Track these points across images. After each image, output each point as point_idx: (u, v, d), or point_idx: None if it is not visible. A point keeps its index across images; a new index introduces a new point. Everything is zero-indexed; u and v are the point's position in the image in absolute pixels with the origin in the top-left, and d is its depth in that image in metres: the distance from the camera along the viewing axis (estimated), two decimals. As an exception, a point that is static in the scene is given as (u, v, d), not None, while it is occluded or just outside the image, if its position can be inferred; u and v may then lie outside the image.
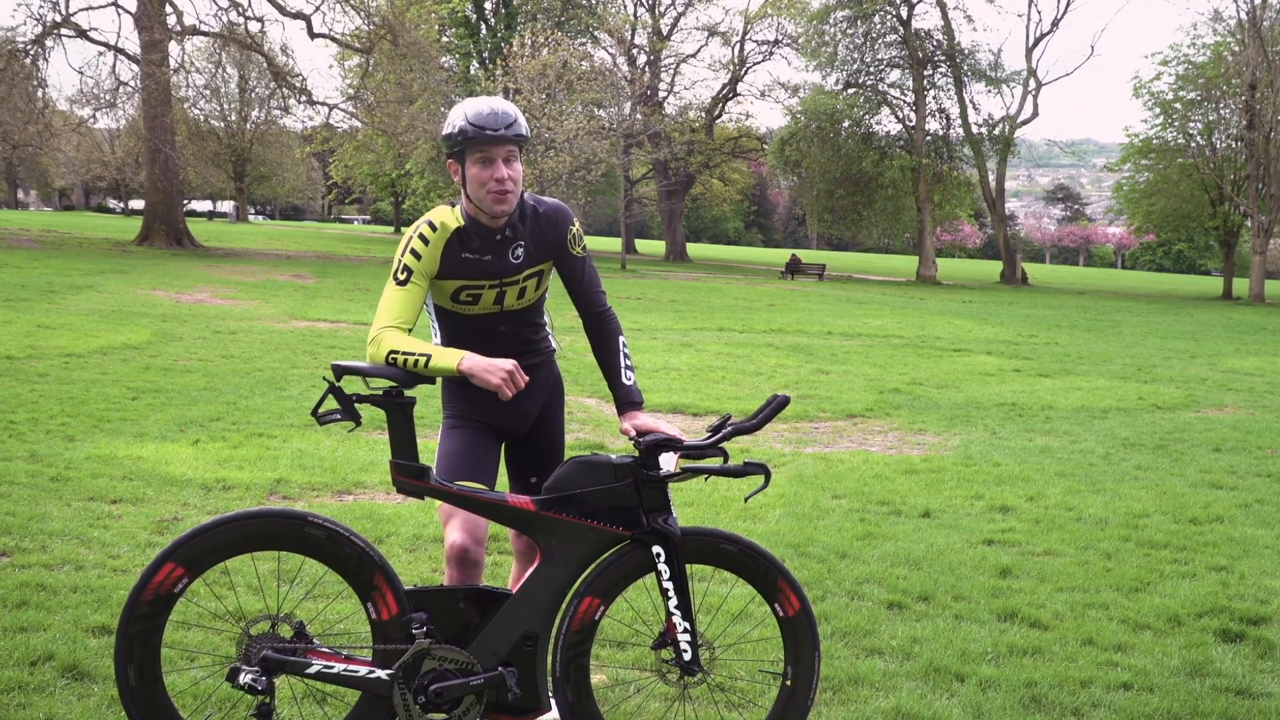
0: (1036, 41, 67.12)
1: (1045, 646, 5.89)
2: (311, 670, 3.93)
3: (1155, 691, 5.35)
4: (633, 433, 4.25)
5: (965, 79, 66.72)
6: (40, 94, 47.97)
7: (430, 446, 4.60)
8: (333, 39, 53.58)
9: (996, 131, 67.10)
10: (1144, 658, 5.82)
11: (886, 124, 69.96)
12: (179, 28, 48.85)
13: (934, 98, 68.38)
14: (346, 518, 7.72)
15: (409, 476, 4.04)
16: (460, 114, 4.22)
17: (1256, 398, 17.25)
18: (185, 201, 61.58)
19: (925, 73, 67.27)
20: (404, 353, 4.05)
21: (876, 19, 67.24)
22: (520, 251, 4.42)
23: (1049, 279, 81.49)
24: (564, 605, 4.15)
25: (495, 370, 3.99)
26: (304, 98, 53.37)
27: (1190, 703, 5.23)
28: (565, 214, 4.50)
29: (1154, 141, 64.98)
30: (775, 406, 4.10)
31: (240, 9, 49.50)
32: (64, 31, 46.98)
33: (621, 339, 4.54)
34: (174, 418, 11.34)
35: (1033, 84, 66.84)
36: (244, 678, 3.86)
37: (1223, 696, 5.32)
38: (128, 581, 6.11)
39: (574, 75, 52.20)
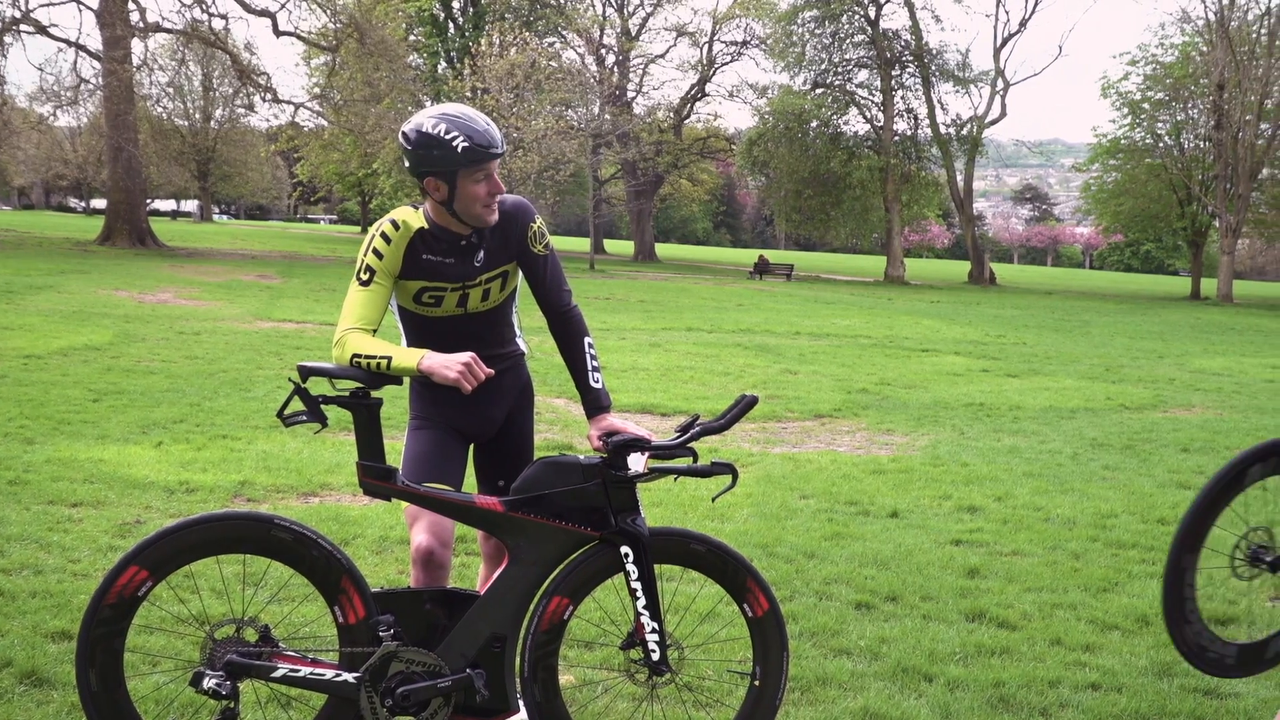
0: (1004, 42, 67.46)
1: (1013, 646, 5.89)
2: (277, 674, 3.89)
3: (1123, 691, 5.36)
4: (601, 446, 4.24)
5: (933, 79, 67.02)
6: (-1, 90, 47.58)
7: (397, 448, 4.57)
8: (298, 37, 53.37)
9: (964, 132, 67.43)
10: (1112, 658, 5.83)
11: (854, 124, 70.23)
12: (142, 24, 48.47)
13: (902, 98, 68.69)
14: (312, 520, 7.66)
15: (375, 478, 4.01)
16: (451, 132, 4.10)
17: (1224, 398, 17.35)
18: (148, 201, 61.11)
19: (893, 73, 67.54)
20: (366, 355, 4.01)
21: (844, 19, 67.52)
22: (482, 255, 4.39)
23: (1017, 279, 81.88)
24: (532, 606, 4.13)
25: (452, 365, 3.95)
26: (269, 96, 53.14)
27: (1158, 703, 5.23)
28: (526, 210, 4.45)
29: (1122, 142, 65.42)
30: (743, 406, 4.09)
31: (204, 6, 49.23)
32: (23, 27, 46.48)
33: (588, 340, 4.51)
34: (136, 420, 11.25)
35: (1000, 84, 67.23)
36: (208, 682, 3.82)
37: (1191, 696, 5.33)
38: (88, 586, 6.04)
39: (542, 75, 52.13)
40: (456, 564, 6.85)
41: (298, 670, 3.92)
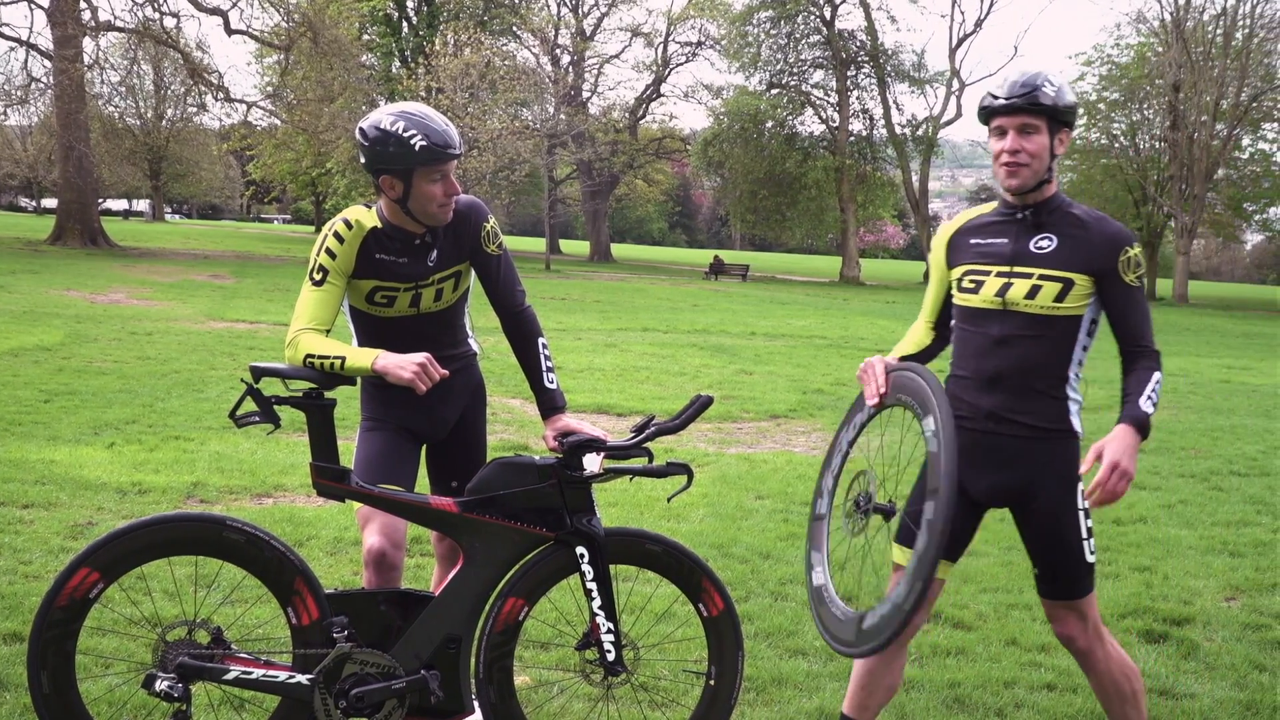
0: (960, 42, 67.76)
1: (969, 647, 5.92)
2: (229, 676, 3.86)
3: (1078, 692, 5.39)
4: (556, 446, 4.24)
5: (888, 79, 67.24)
6: (-52, 90, 47.11)
7: (351, 449, 4.55)
8: (251, 35, 52.97)
9: (920, 132, 67.70)
10: (1067, 658, 5.83)
11: (810, 125, 70.24)
12: (93, 23, 47.97)
13: (857, 98, 68.89)
14: (266, 521, 7.62)
15: (329, 479, 3.99)
16: (409, 130, 4.10)
17: (1179, 398, 17.47)
18: (100, 200, 60.53)
19: (849, 73, 67.70)
20: (320, 355, 4.00)
21: (800, 19, 67.55)
22: (435, 254, 4.38)
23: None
24: (487, 607, 4.12)
25: (407, 365, 3.94)
26: (221, 95, 52.75)
27: (1112, 701, 5.26)
28: (479, 210, 4.46)
29: (1077, 142, 65.62)
30: (699, 407, 4.10)
31: (156, 4, 48.73)
32: (-26, 27, 46.11)
33: (542, 340, 4.52)
34: (88, 420, 11.15)
35: (956, 84, 67.55)
36: (160, 685, 3.79)
37: (1146, 697, 5.35)
38: (39, 588, 5.98)
39: (497, 75, 52.02)
40: (411, 565, 6.83)
41: (250, 672, 3.89)
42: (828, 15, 67.32)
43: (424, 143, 4.09)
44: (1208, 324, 39.73)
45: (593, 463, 4.14)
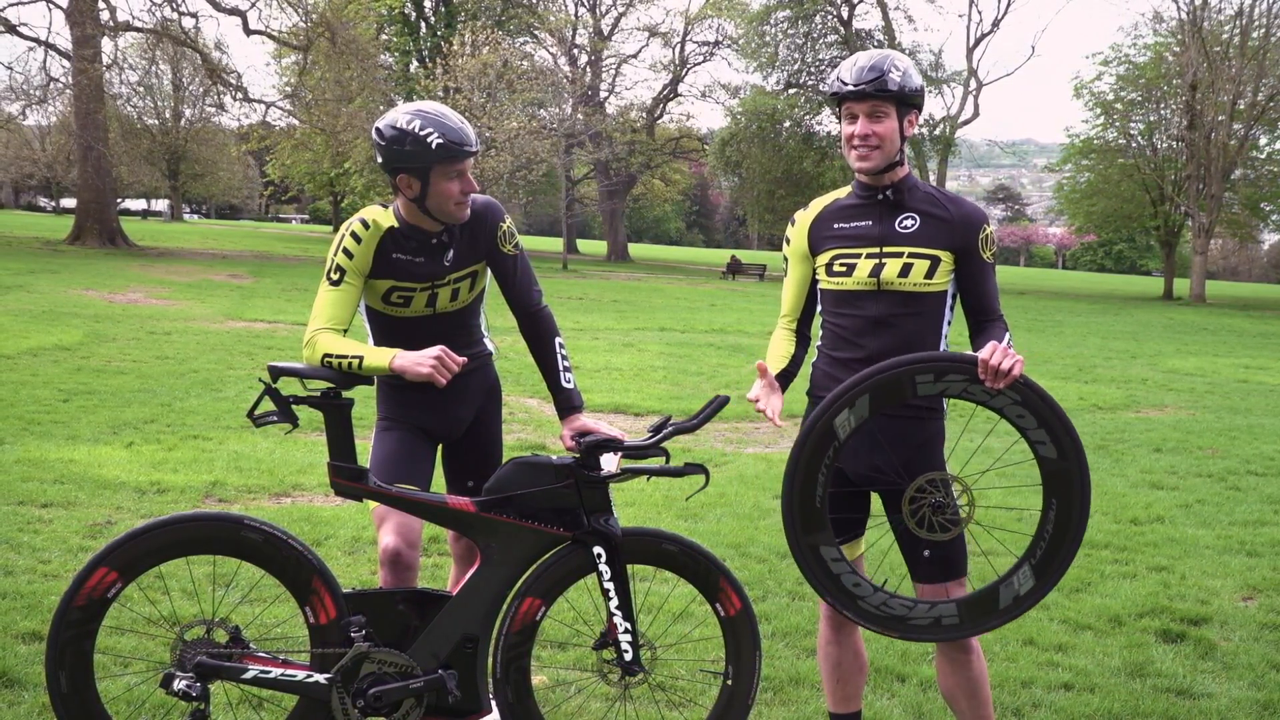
0: (977, 42, 67.54)
1: (985, 646, 5.89)
2: (247, 675, 3.88)
3: (1096, 692, 5.38)
4: (573, 446, 4.25)
5: (906, 79, 66.91)
6: (-33, 90, 47.20)
7: (368, 448, 4.55)
8: (269, 36, 53.01)
9: (937, 132, 67.43)
10: (1085, 658, 5.84)
11: (827, 124, 69.90)
12: (112, 23, 48.02)
13: (874, 98, 68.48)
14: (284, 520, 7.63)
15: (347, 479, 4.00)
16: (425, 129, 4.12)
17: (1197, 398, 17.41)
18: (118, 200, 60.67)
19: (865, 73, 67.35)
20: (338, 355, 4.01)
21: (817, 19, 67.39)
22: (451, 254, 4.40)
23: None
24: (504, 606, 4.12)
25: (424, 361, 3.96)
26: (239, 95, 52.84)
27: (1131, 703, 5.25)
28: (495, 210, 4.47)
29: (1095, 142, 65.49)
30: (715, 406, 4.10)
31: (174, 4, 48.78)
32: (-7, 27, 46.18)
33: (558, 340, 4.54)
34: (107, 420, 11.18)
35: (973, 84, 67.38)
36: (178, 684, 3.80)
37: (1163, 697, 5.35)
38: (58, 587, 6.00)
39: (514, 75, 52.03)
40: (429, 565, 6.84)
41: (269, 671, 3.90)
42: (845, 15, 67.16)
43: (440, 140, 4.11)
44: (1225, 324, 39.56)
45: (610, 462, 4.14)
